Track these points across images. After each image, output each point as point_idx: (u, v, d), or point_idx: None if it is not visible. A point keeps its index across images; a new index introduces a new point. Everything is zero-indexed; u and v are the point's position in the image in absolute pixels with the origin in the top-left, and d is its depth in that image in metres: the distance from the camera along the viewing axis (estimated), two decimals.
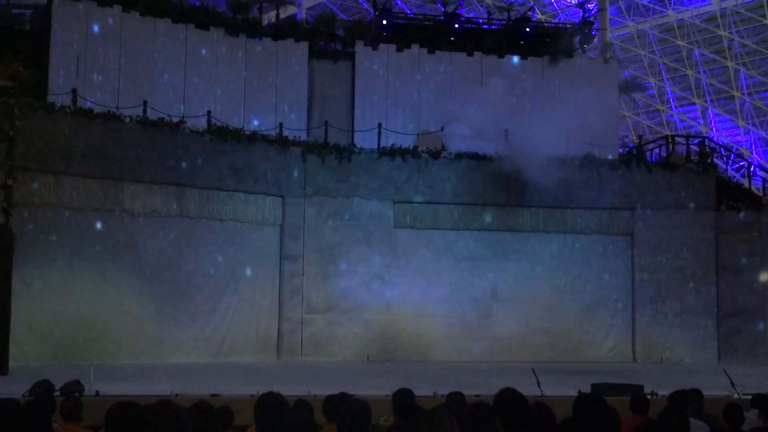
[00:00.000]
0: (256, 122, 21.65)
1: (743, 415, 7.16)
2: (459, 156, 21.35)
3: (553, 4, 38.27)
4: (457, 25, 24.66)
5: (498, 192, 21.44)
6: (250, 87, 22.04)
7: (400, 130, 22.43)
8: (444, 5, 25.96)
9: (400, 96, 23.07)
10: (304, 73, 22.58)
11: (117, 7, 19.97)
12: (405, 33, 24.00)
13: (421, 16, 29.27)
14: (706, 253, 22.08)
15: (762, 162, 34.52)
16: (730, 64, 36.05)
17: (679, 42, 36.78)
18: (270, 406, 5.07)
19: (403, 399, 6.75)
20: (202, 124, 19.67)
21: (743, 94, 36.96)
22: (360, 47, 22.99)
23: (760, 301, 21.54)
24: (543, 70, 23.62)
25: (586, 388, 12.43)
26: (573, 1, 36.24)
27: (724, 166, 28.20)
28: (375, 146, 21.44)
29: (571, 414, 5.34)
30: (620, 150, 24.30)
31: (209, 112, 20.18)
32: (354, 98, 22.86)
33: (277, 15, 24.17)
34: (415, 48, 23.32)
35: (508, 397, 5.03)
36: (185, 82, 20.91)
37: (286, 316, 20.10)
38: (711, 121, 38.64)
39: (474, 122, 22.03)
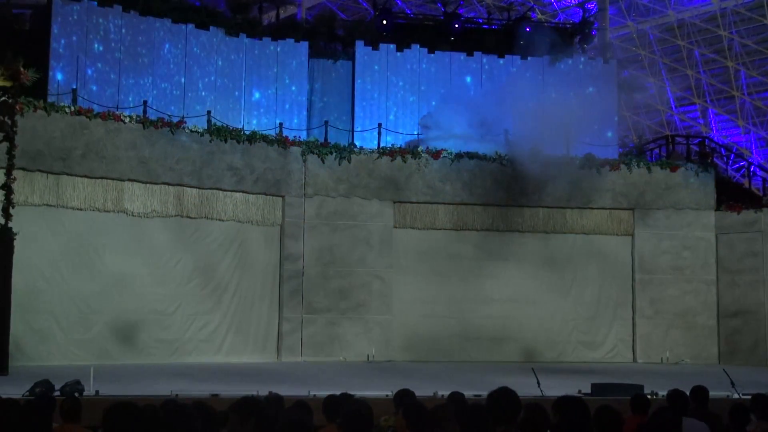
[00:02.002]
0: (255, 121, 21.73)
1: (749, 415, 7.13)
2: (459, 156, 21.36)
3: (553, 4, 38.23)
4: (457, 25, 24.67)
5: (498, 192, 21.44)
6: (250, 87, 22.07)
7: (401, 130, 22.47)
8: (444, 5, 25.97)
9: (400, 96, 23.08)
10: (304, 73, 22.60)
11: (117, 7, 19.98)
12: (405, 33, 24.00)
13: (421, 16, 29.25)
14: (706, 253, 22.09)
15: (762, 162, 34.48)
16: (730, 64, 36.02)
17: (679, 42, 36.75)
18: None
19: (408, 399, 6.75)
20: (202, 124, 19.68)
21: (743, 94, 36.91)
22: (360, 47, 22.99)
23: (760, 301, 21.55)
24: (543, 70, 23.61)
25: (586, 388, 12.46)
26: (573, 1, 36.24)
27: (724, 166, 28.15)
28: (375, 146, 21.46)
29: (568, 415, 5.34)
30: (620, 150, 24.29)
31: (209, 112, 20.19)
32: (354, 98, 22.87)
33: (277, 15, 24.19)
34: (415, 48, 23.32)
35: (502, 396, 5.04)
36: (185, 82, 20.93)
37: (286, 316, 20.10)
38: (711, 121, 38.60)
39: (474, 122, 22.05)
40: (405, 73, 23.20)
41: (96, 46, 19.66)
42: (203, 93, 21.22)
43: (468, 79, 23.48)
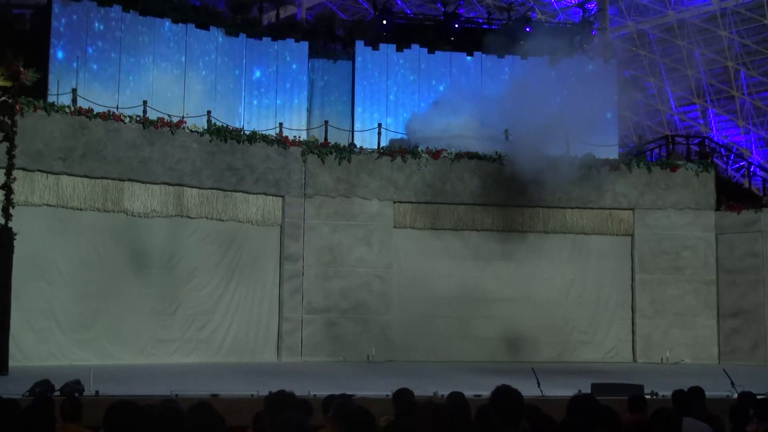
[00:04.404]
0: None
1: (749, 415, 7.13)
2: (459, 156, 21.36)
3: (553, 4, 38.23)
4: (457, 25, 24.68)
5: (498, 192, 21.44)
6: (250, 87, 22.08)
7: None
8: (444, 5, 25.99)
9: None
10: (304, 73, 22.62)
11: (117, 7, 19.99)
12: (405, 33, 24.03)
13: (421, 16, 29.26)
14: (706, 253, 22.09)
15: (762, 162, 34.49)
16: (730, 64, 36.01)
17: (679, 42, 36.74)
18: (277, 403, 5.08)
19: (405, 399, 6.75)
20: (202, 124, 19.69)
21: (743, 94, 36.91)
22: (360, 47, 23.00)
23: (760, 301, 21.54)
24: (543, 70, 23.56)
25: (586, 388, 12.43)
26: (573, 1, 36.24)
27: (724, 166, 28.16)
28: (375, 146, 21.48)
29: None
30: (620, 150, 24.28)
31: (209, 112, 20.20)
32: (354, 98, 22.89)
33: (277, 15, 24.21)
34: (415, 48, 23.34)
35: (505, 394, 5.05)
36: (185, 82, 20.94)
37: (286, 316, 20.10)
38: (711, 121, 38.59)
39: (474, 122, 22.03)
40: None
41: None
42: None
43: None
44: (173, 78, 20.71)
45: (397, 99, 23.12)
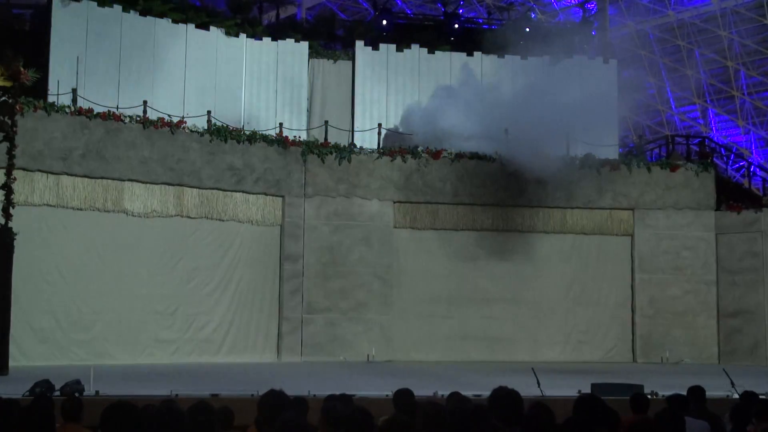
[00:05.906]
0: (255, 121, 21.75)
1: (749, 415, 7.13)
2: (459, 156, 21.36)
3: (553, 4, 38.21)
4: (457, 25, 24.69)
5: (498, 192, 21.43)
6: (250, 87, 22.08)
7: (400, 129, 22.49)
8: (444, 5, 25.99)
9: (400, 96, 23.09)
10: (304, 73, 22.62)
11: (117, 7, 19.99)
12: (405, 33, 24.04)
13: (421, 16, 29.27)
14: (706, 253, 22.09)
15: (762, 162, 34.47)
16: (730, 64, 35.98)
17: (679, 42, 36.72)
18: (272, 404, 5.08)
19: (405, 399, 6.76)
20: (202, 124, 19.69)
21: (743, 94, 36.88)
22: (360, 47, 23.00)
23: (760, 301, 21.54)
24: (543, 70, 23.55)
25: (586, 388, 12.42)
26: (573, 1, 36.23)
27: (724, 166, 28.14)
28: (375, 146, 21.48)
29: (570, 414, 5.34)
30: (620, 150, 24.28)
31: (209, 112, 20.19)
32: (354, 98, 22.89)
33: (277, 15, 24.21)
34: (415, 48, 23.33)
35: (503, 394, 5.05)
36: (185, 82, 20.93)
37: (286, 316, 20.10)
38: (711, 121, 38.56)
39: (474, 122, 22.02)
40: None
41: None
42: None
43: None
44: (173, 76, 20.69)
45: (396, 99, 23.09)
